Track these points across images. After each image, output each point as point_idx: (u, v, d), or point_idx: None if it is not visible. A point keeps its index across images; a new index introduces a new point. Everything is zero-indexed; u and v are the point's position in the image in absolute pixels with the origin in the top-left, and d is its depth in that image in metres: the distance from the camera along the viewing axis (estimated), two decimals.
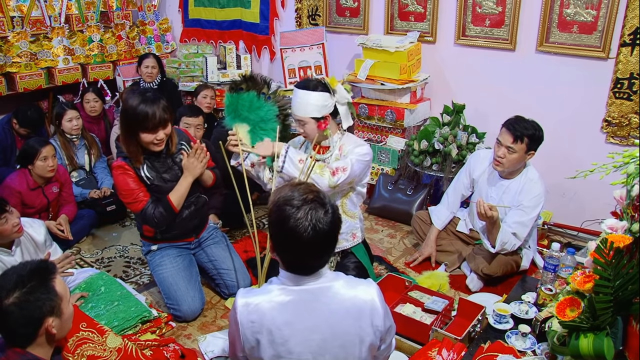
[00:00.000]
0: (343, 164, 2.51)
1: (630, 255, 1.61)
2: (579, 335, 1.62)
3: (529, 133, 2.68)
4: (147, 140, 2.44)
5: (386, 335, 1.60)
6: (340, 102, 2.58)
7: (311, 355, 1.49)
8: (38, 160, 3.13)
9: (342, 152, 2.60)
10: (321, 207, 1.45)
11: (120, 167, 2.50)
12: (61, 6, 4.42)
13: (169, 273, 2.66)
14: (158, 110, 2.39)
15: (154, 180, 2.54)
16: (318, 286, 1.51)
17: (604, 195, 2.43)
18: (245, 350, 1.53)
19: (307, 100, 2.48)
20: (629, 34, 3.07)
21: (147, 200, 2.54)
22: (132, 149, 2.47)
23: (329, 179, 2.47)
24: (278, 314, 1.48)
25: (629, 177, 1.74)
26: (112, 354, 1.95)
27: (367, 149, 2.59)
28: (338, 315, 1.50)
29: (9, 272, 1.59)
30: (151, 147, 2.48)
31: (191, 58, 4.79)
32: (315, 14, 4.44)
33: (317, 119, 2.51)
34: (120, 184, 2.53)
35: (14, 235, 2.40)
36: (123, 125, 2.47)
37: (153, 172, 2.55)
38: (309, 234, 1.41)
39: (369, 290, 1.55)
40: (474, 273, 2.90)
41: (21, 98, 4.31)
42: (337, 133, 2.63)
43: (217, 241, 2.88)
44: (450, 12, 3.74)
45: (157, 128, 2.42)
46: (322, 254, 1.49)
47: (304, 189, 1.49)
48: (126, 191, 2.52)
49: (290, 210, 1.43)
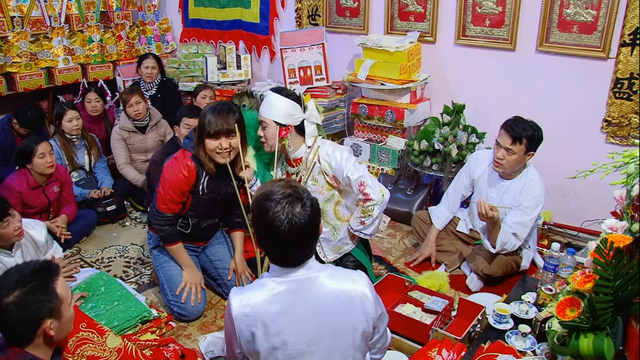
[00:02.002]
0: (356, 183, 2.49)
1: (630, 255, 1.61)
2: (579, 335, 1.62)
3: (528, 134, 2.68)
4: (210, 147, 2.42)
5: (378, 323, 1.63)
6: (309, 120, 2.58)
7: (305, 345, 1.51)
8: (36, 158, 3.13)
9: (321, 163, 2.57)
10: (298, 201, 1.50)
11: (187, 168, 2.47)
12: (61, 6, 4.42)
13: (176, 271, 2.67)
14: (223, 118, 2.38)
15: (207, 192, 2.53)
16: (307, 276, 1.55)
17: (604, 195, 2.43)
18: (242, 345, 1.55)
19: (275, 104, 2.49)
20: (629, 34, 3.07)
21: (175, 212, 2.53)
22: (201, 153, 2.46)
23: (375, 200, 2.49)
24: (270, 305, 1.51)
25: (629, 177, 1.74)
26: (112, 354, 1.95)
27: (339, 149, 2.58)
28: (329, 304, 1.53)
29: (12, 270, 1.59)
30: (215, 157, 2.45)
31: (191, 58, 4.79)
32: (315, 14, 4.44)
33: (279, 124, 2.49)
34: (170, 174, 2.48)
35: (15, 239, 2.40)
36: (197, 129, 2.47)
37: (211, 184, 2.54)
38: (285, 227, 1.47)
39: (358, 278, 1.59)
40: (474, 273, 2.90)
41: (21, 98, 4.31)
42: (301, 146, 2.60)
43: (220, 241, 2.88)
44: (450, 12, 3.74)
45: (218, 135, 2.39)
46: (302, 246, 1.53)
47: (283, 184, 1.54)
48: (170, 185, 2.48)
49: (269, 205, 1.49)
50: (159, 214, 2.54)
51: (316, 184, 2.61)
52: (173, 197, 2.50)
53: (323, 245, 2.72)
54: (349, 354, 1.56)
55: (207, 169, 2.49)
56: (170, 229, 2.57)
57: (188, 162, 2.48)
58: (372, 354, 1.73)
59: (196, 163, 2.49)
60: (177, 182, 2.47)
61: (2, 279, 1.57)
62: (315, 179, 2.61)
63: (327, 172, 2.58)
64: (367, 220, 2.57)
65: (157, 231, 2.61)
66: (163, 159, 2.75)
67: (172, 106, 4.32)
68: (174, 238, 2.61)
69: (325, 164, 2.57)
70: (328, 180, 2.61)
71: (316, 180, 2.61)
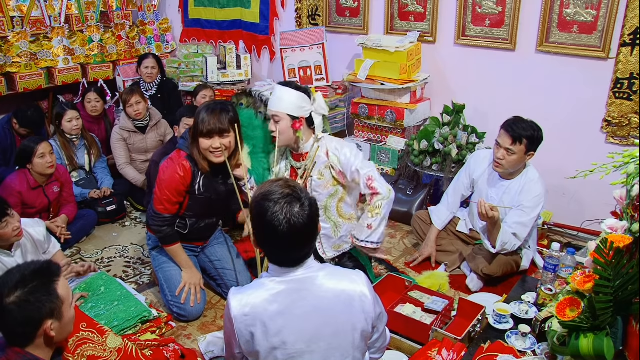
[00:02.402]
0: (365, 178, 2.50)
1: (630, 255, 1.61)
2: (579, 335, 1.62)
3: (528, 134, 2.68)
4: (203, 146, 2.42)
5: (377, 322, 1.63)
6: (317, 111, 2.58)
7: (305, 345, 1.51)
8: (36, 158, 3.13)
9: (330, 157, 2.57)
10: (297, 201, 1.50)
11: (183, 167, 2.47)
12: (61, 6, 4.42)
13: (176, 271, 2.67)
14: (216, 117, 2.38)
15: (203, 191, 2.53)
16: (305, 276, 1.55)
17: (604, 195, 2.43)
18: (241, 345, 1.55)
19: (287, 97, 2.48)
20: (629, 34, 3.07)
21: (172, 212, 2.53)
22: (195, 152, 2.46)
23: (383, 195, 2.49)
24: (269, 305, 1.51)
25: (629, 177, 1.74)
26: (112, 354, 1.95)
27: (349, 146, 2.59)
28: (328, 303, 1.53)
29: (14, 270, 1.59)
30: (209, 156, 2.45)
31: (191, 58, 4.79)
32: (315, 14, 4.44)
33: (292, 117, 2.49)
34: (166, 175, 2.48)
35: (14, 239, 2.39)
36: (192, 128, 2.48)
37: (207, 184, 2.53)
38: (284, 227, 1.46)
39: (357, 278, 1.59)
40: (474, 273, 2.90)
41: (21, 98, 4.31)
42: (311, 138, 2.60)
43: (220, 242, 2.88)
44: (450, 12, 3.74)
45: (212, 135, 2.39)
46: (301, 246, 1.53)
47: (282, 184, 1.54)
48: (166, 185, 2.48)
49: (268, 205, 1.49)
50: (156, 215, 2.54)
51: (322, 178, 2.61)
52: (170, 197, 2.50)
53: (323, 242, 2.72)
54: (349, 353, 1.56)
55: (201, 168, 2.49)
56: (168, 229, 2.57)
57: (183, 162, 2.48)
58: (371, 353, 1.73)
59: (191, 163, 2.49)
60: (173, 182, 2.47)
61: (3, 278, 1.57)
62: (321, 173, 2.60)
63: (335, 166, 2.58)
64: (374, 223, 2.51)
65: (155, 232, 2.61)
66: (163, 159, 2.75)
67: (172, 106, 4.32)
68: (173, 239, 2.61)
69: (333, 158, 2.57)
70: (334, 175, 2.60)
71: (322, 175, 2.61)
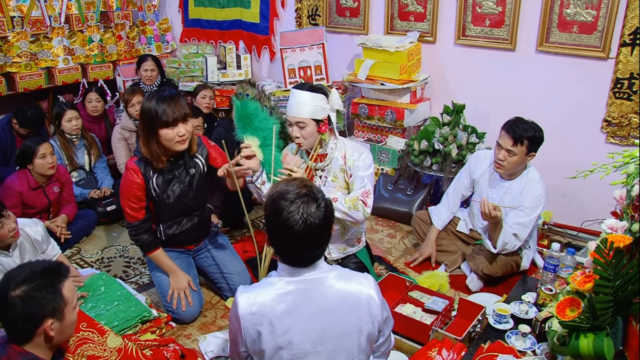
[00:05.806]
0: (363, 187, 2.50)
1: (630, 255, 1.61)
2: (579, 335, 1.62)
3: (529, 135, 2.68)
4: (168, 137, 2.37)
5: (384, 326, 1.62)
6: (333, 108, 2.56)
7: (311, 345, 1.51)
8: (37, 159, 3.13)
9: (347, 161, 2.57)
10: (313, 201, 1.49)
11: (133, 171, 2.46)
12: (61, 6, 4.42)
13: (166, 277, 2.65)
14: (176, 104, 2.35)
15: (159, 192, 2.51)
16: (315, 277, 1.54)
17: (604, 195, 2.43)
18: (247, 344, 1.54)
19: (308, 101, 2.44)
20: (629, 34, 3.07)
21: (140, 219, 2.52)
22: (154, 149, 2.41)
23: (364, 210, 2.47)
24: (277, 304, 1.51)
25: (629, 177, 1.74)
26: (112, 354, 1.95)
27: (369, 156, 2.59)
28: (336, 304, 1.53)
29: (24, 265, 1.63)
30: (174, 146, 2.41)
31: (191, 58, 4.79)
32: (315, 14, 4.44)
33: (317, 121, 2.47)
34: (124, 187, 2.50)
35: (11, 240, 2.39)
36: (142, 125, 2.42)
37: (161, 184, 2.50)
38: (300, 227, 1.46)
39: (366, 280, 1.59)
40: (474, 273, 2.90)
41: (21, 98, 4.31)
42: (331, 138, 2.60)
43: (222, 245, 2.85)
44: (450, 12, 3.74)
45: (176, 122, 2.36)
46: (314, 246, 1.52)
47: (298, 184, 1.53)
48: (124, 194, 2.50)
49: (284, 204, 1.48)
50: (129, 226, 2.55)
51: (336, 181, 2.60)
52: (131, 204, 2.49)
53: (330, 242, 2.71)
54: (354, 355, 1.55)
55: (157, 166, 2.45)
56: (146, 237, 2.57)
57: (134, 166, 2.46)
58: (375, 357, 1.73)
59: (141, 165, 2.46)
60: (130, 189, 2.47)
61: (13, 272, 1.60)
62: (335, 175, 2.60)
63: (349, 169, 2.58)
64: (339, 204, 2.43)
65: (135, 242, 2.62)
66: None
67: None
68: (152, 245, 2.60)
69: (350, 160, 2.57)
70: (346, 179, 2.61)
71: (336, 177, 2.60)
